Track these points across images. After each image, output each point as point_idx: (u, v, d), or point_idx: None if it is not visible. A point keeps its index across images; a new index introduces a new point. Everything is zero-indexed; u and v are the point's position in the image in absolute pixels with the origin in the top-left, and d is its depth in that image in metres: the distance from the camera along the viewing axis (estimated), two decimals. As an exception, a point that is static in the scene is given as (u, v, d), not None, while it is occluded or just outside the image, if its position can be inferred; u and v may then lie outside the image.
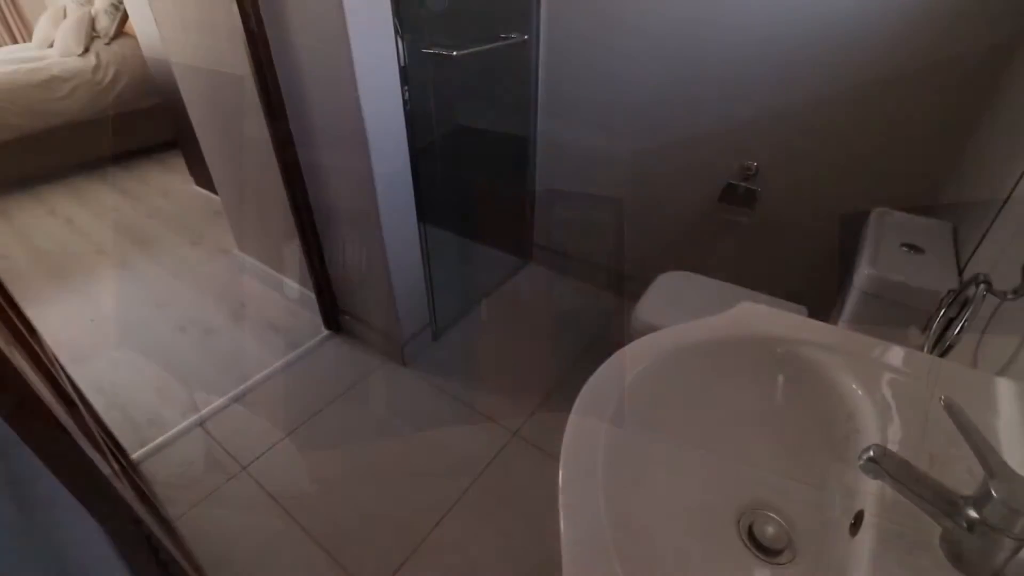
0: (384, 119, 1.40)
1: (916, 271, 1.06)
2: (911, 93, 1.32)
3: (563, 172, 2.07)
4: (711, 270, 1.84)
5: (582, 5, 1.70)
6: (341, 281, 1.85)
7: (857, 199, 1.51)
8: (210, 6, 1.51)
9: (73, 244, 2.64)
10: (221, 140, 1.92)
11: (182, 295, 2.23)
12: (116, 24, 3.35)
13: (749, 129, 1.59)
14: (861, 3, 1.29)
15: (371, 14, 1.26)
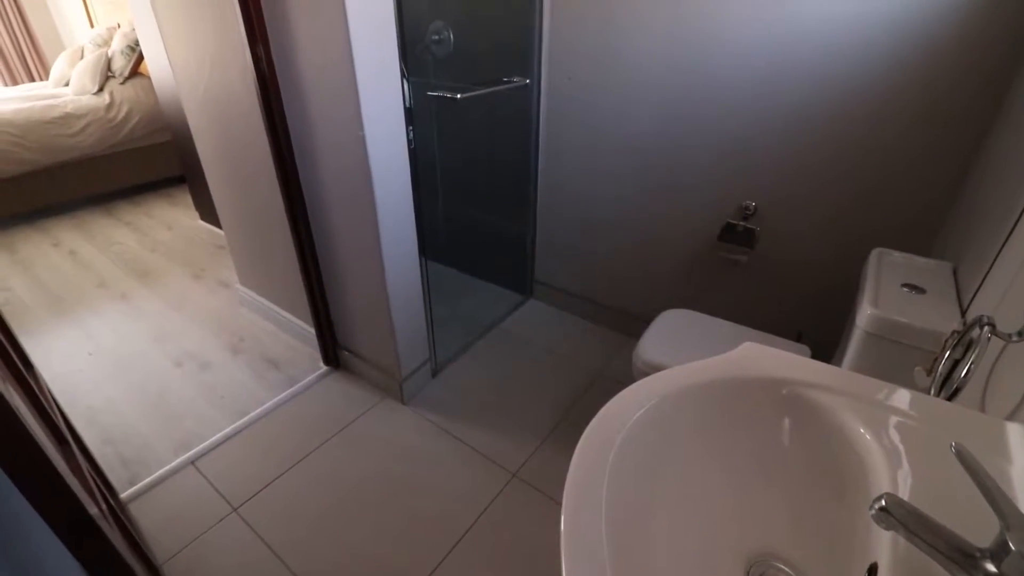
0: (388, 158, 1.43)
1: (918, 311, 1.05)
2: (908, 133, 1.35)
3: (564, 210, 2.09)
4: (712, 308, 1.85)
5: (581, 51, 1.76)
6: (341, 316, 1.85)
7: (856, 239, 1.52)
8: (224, 49, 1.57)
9: (76, 277, 2.65)
10: (228, 176, 1.96)
11: (181, 329, 2.22)
12: (131, 64, 3.47)
13: (747, 169, 1.62)
14: (856, 46, 1.34)
15: (379, 58, 1.30)
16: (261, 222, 1.91)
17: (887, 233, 1.47)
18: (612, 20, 1.67)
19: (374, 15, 1.26)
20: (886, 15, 1.27)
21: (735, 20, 1.46)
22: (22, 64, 4.90)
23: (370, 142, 1.35)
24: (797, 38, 1.39)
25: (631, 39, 1.65)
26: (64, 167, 3.28)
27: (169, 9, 1.72)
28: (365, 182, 1.41)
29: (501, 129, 2.09)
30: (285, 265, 1.89)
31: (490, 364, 2.00)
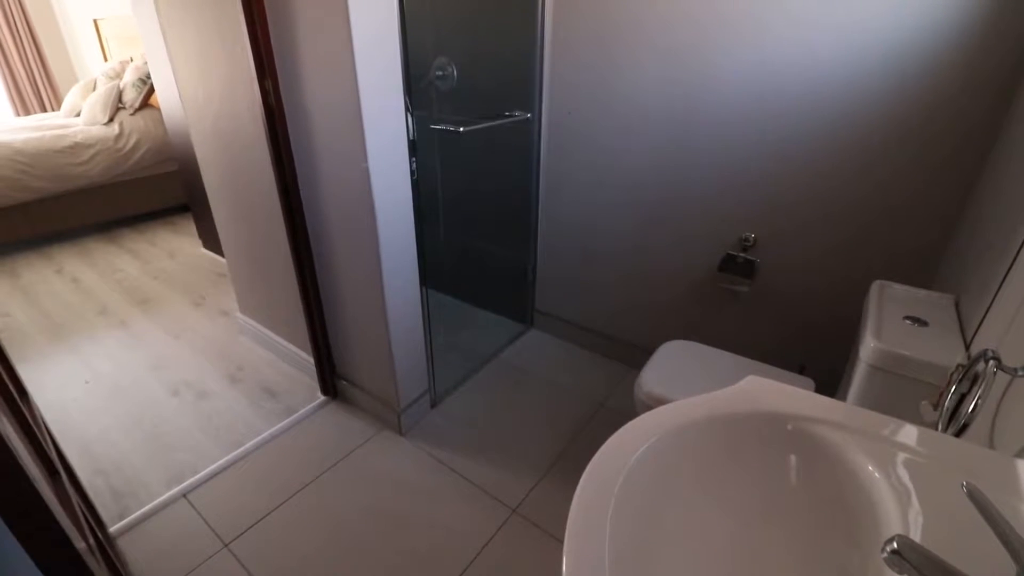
0: (391, 189, 1.44)
1: (922, 345, 1.05)
2: (906, 165, 1.37)
3: (564, 240, 2.11)
4: (714, 339, 1.84)
5: (580, 88, 1.81)
6: (340, 345, 1.84)
7: (856, 271, 1.52)
8: (234, 82, 1.61)
9: (76, 303, 2.65)
10: (232, 204, 1.98)
11: (179, 357, 2.20)
12: (142, 97, 3.56)
13: (745, 202, 1.63)
14: (851, 78, 1.37)
15: (384, 93, 1.34)
16: (263, 250, 1.92)
17: (887, 265, 1.47)
18: (609, 61, 1.72)
19: (381, 52, 1.29)
20: (875, 52, 1.31)
21: (725, 63, 1.50)
22: (35, 95, 5.02)
23: (374, 174, 1.37)
24: (783, 79, 1.43)
25: (628, 78, 1.69)
26: (71, 195, 3.32)
27: (181, 44, 1.77)
28: (368, 212, 1.43)
29: (502, 161, 2.12)
30: (285, 293, 1.90)
31: (490, 395, 1.97)
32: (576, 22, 1.74)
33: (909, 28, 1.25)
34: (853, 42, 1.32)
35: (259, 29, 1.37)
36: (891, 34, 1.28)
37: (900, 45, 1.28)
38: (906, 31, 1.26)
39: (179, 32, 1.75)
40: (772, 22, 1.41)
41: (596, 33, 1.71)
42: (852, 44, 1.33)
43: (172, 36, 1.80)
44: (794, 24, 1.38)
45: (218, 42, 1.58)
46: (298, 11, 1.31)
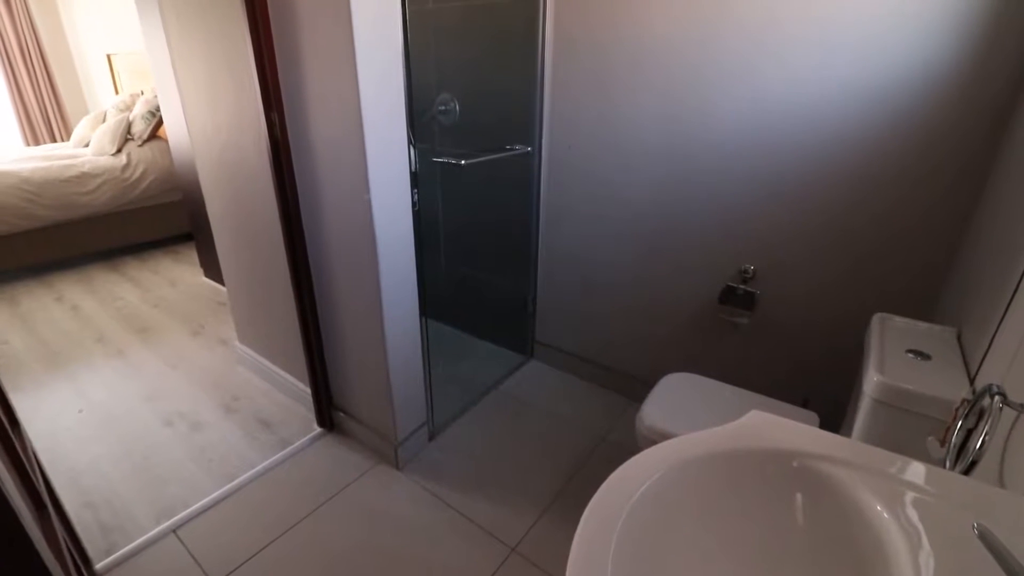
0: (393, 220, 1.46)
1: (926, 379, 1.04)
2: (904, 198, 1.38)
3: (564, 271, 2.11)
4: (715, 371, 1.82)
5: (579, 123, 1.85)
6: (338, 376, 1.82)
7: (857, 303, 1.52)
8: (241, 115, 1.65)
9: (75, 331, 2.63)
10: (235, 234, 1.99)
11: (175, 386, 2.18)
12: (150, 128, 3.63)
13: (744, 234, 1.65)
14: (843, 115, 1.40)
15: (388, 127, 1.36)
16: (264, 279, 1.92)
17: (888, 297, 1.47)
18: (607, 99, 1.76)
19: (386, 89, 1.33)
20: (866, 90, 1.34)
21: (721, 100, 1.54)
22: (46, 126, 5.13)
23: (375, 205, 1.39)
24: (777, 116, 1.46)
25: (626, 116, 1.74)
26: (75, 223, 3.35)
27: (191, 77, 1.82)
28: (369, 243, 1.44)
29: (503, 193, 2.15)
30: (284, 323, 1.89)
31: (489, 427, 1.94)
32: (574, 63, 1.79)
33: (899, 66, 1.29)
34: (844, 80, 1.36)
35: (267, 64, 1.41)
36: (882, 72, 1.31)
37: (891, 83, 1.31)
38: (898, 68, 1.29)
39: (189, 66, 1.80)
40: (764, 64, 1.45)
41: (594, 73, 1.76)
42: (843, 82, 1.36)
43: (182, 70, 1.85)
44: (785, 66, 1.42)
45: (227, 76, 1.63)
46: (305, 48, 1.35)
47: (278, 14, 1.37)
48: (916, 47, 1.26)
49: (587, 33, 1.74)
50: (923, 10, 1.23)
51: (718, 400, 1.43)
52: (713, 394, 1.45)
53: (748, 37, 1.46)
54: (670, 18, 1.57)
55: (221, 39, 1.58)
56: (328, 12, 1.24)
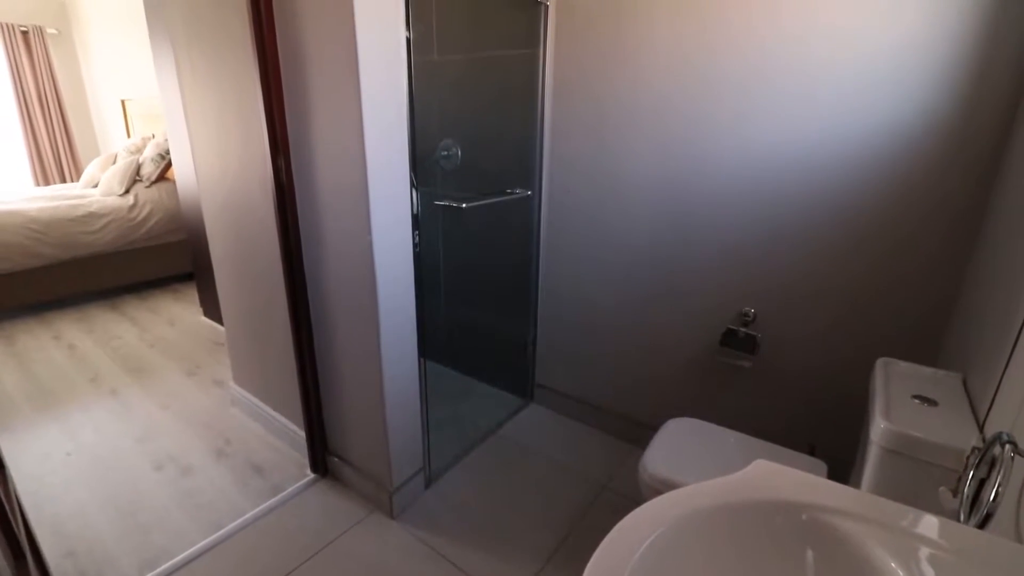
0: (394, 262, 1.47)
1: (934, 426, 1.02)
2: (900, 243, 1.40)
3: (564, 314, 2.11)
4: (718, 416, 1.79)
5: (578, 168, 1.89)
6: (333, 419, 1.78)
7: (859, 347, 1.51)
8: (248, 159, 1.68)
9: (69, 371, 2.60)
10: (236, 274, 2.00)
11: (166, 429, 2.13)
12: (159, 170, 3.71)
13: (743, 277, 1.65)
14: (838, 161, 1.43)
15: (391, 172, 1.39)
16: (262, 320, 1.92)
17: (890, 341, 1.46)
18: (603, 147, 1.81)
19: (390, 135, 1.36)
20: (859, 138, 1.38)
21: (715, 149, 1.58)
22: (57, 167, 5.24)
23: (377, 247, 1.40)
24: (773, 163, 1.50)
25: (622, 162, 1.78)
26: (78, 262, 3.37)
27: (201, 122, 1.87)
28: (369, 284, 1.44)
29: (504, 236, 2.18)
30: (281, 363, 1.87)
31: (488, 474, 1.89)
32: (572, 112, 1.86)
33: (888, 117, 1.33)
34: (834, 130, 1.40)
35: (275, 111, 1.45)
36: (871, 122, 1.35)
37: (880, 133, 1.35)
38: (887, 118, 1.34)
39: (200, 111, 1.85)
40: (755, 116, 1.50)
41: (591, 123, 1.82)
42: (833, 132, 1.40)
43: (193, 115, 1.90)
44: (775, 117, 1.47)
45: (236, 121, 1.68)
46: (313, 97, 1.39)
47: (288, 64, 1.42)
48: (903, 99, 1.30)
49: (584, 86, 1.80)
50: (907, 66, 1.28)
51: (722, 447, 1.40)
52: (717, 440, 1.42)
53: (739, 90, 1.51)
54: (662, 73, 1.63)
55: (232, 86, 1.64)
56: (337, 64, 1.29)
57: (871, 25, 1.31)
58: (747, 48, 1.48)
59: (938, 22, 1.23)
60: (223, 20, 1.57)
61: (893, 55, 1.29)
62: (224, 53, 1.63)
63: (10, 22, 4.77)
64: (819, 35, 1.38)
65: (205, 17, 1.66)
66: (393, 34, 1.32)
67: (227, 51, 1.61)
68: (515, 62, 1.94)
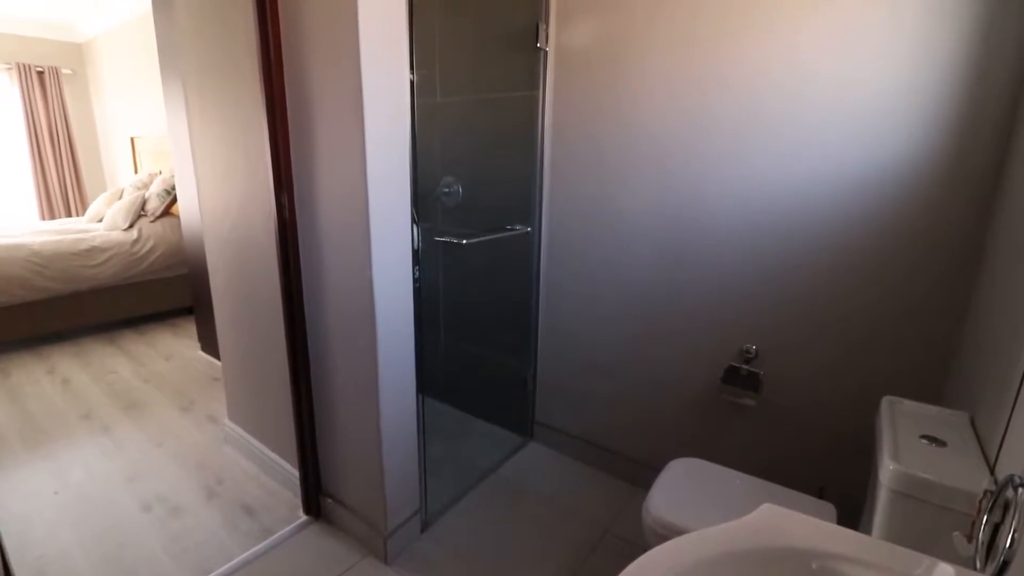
0: (394, 298, 1.47)
1: (944, 467, 0.99)
2: (900, 280, 1.40)
3: (564, 350, 2.10)
4: (722, 456, 1.75)
5: (578, 206, 1.92)
6: (328, 457, 1.74)
7: (863, 384, 1.49)
8: (252, 195, 1.71)
9: (62, 406, 2.56)
10: (235, 309, 2.00)
11: (157, 467, 2.08)
12: (164, 206, 3.76)
13: (744, 315, 1.65)
14: (833, 200, 1.45)
15: (393, 209, 1.41)
16: (260, 355, 1.90)
17: (894, 377, 1.44)
18: (600, 186, 1.85)
19: (393, 174, 1.39)
20: (854, 177, 1.40)
21: (711, 188, 1.61)
22: (63, 202, 5.32)
23: (377, 282, 1.40)
24: (769, 201, 1.52)
25: (620, 200, 1.81)
26: (78, 295, 3.37)
27: (208, 158, 1.91)
28: (368, 318, 1.44)
29: (504, 272, 2.18)
30: (277, 400, 1.84)
31: (486, 517, 1.83)
32: (570, 152, 1.90)
33: (881, 157, 1.36)
34: (828, 170, 1.43)
35: (281, 149, 1.48)
36: (865, 162, 1.38)
37: (874, 173, 1.37)
38: (881, 158, 1.36)
39: (207, 148, 1.89)
40: (749, 157, 1.54)
41: (589, 162, 1.86)
42: (828, 172, 1.43)
43: (200, 152, 1.94)
44: (769, 157, 1.50)
45: (242, 158, 1.71)
46: (318, 136, 1.42)
47: (295, 103, 1.46)
48: (896, 138, 1.33)
49: (582, 126, 1.85)
50: (898, 109, 1.32)
51: (728, 489, 1.36)
52: (722, 482, 1.38)
53: (732, 131, 1.55)
54: (657, 114, 1.68)
55: (239, 124, 1.68)
56: (342, 104, 1.33)
57: (861, 69, 1.35)
58: (739, 92, 1.52)
59: (927, 65, 1.27)
60: (234, 60, 1.62)
61: (884, 99, 1.33)
62: (233, 92, 1.67)
63: (28, 63, 4.93)
64: (809, 80, 1.42)
65: (216, 58, 1.71)
66: (397, 77, 1.36)
67: (236, 90, 1.65)
68: (516, 103, 1.99)
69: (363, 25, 1.24)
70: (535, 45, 1.86)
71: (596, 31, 1.77)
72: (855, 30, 1.34)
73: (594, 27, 1.77)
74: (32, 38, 4.99)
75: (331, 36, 1.31)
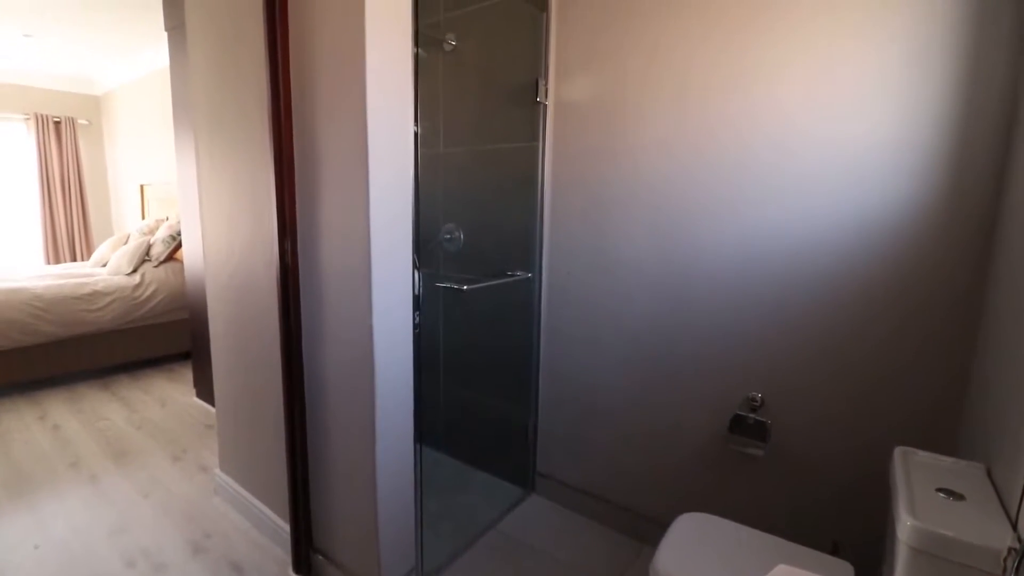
0: (393, 343, 1.45)
1: (964, 523, 0.95)
2: (902, 326, 1.39)
3: (566, 398, 2.06)
4: (731, 509, 1.68)
5: (577, 252, 1.93)
6: (321, 511, 1.68)
7: (873, 433, 1.45)
8: (255, 241, 1.72)
9: (50, 453, 2.49)
10: (233, 355, 1.98)
11: (144, 519, 2.00)
12: (169, 251, 3.80)
13: (747, 361, 1.63)
14: (835, 241, 1.45)
15: (395, 256, 1.42)
16: (255, 402, 1.86)
17: (904, 427, 1.41)
18: (600, 233, 1.87)
19: (395, 221, 1.40)
20: (855, 221, 1.41)
21: (710, 235, 1.63)
22: (69, 246, 5.38)
23: (377, 327, 1.39)
24: (768, 249, 1.53)
25: (620, 247, 1.83)
26: (76, 339, 3.34)
27: (214, 204, 1.94)
28: (367, 364, 1.42)
29: (504, 318, 2.17)
30: (270, 448, 1.79)
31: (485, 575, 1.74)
32: (570, 199, 1.93)
33: (877, 204, 1.38)
34: (827, 216, 1.44)
35: (286, 196, 1.51)
36: (862, 210, 1.40)
37: (875, 216, 1.39)
38: (876, 206, 1.38)
39: (214, 194, 1.92)
40: (744, 208, 1.56)
41: (588, 210, 1.89)
42: (826, 219, 1.44)
43: (207, 198, 1.98)
44: (767, 205, 1.52)
45: (248, 204, 1.74)
46: (323, 184, 1.45)
47: (302, 154, 1.50)
48: (890, 187, 1.35)
49: (580, 176, 1.90)
50: (888, 164, 1.35)
51: (739, 547, 1.29)
52: (733, 539, 1.32)
53: (726, 182, 1.59)
54: (651, 165, 1.72)
55: (247, 173, 1.72)
56: (348, 155, 1.36)
57: (846, 123, 1.39)
58: (730, 144, 1.57)
59: (914, 119, 1.31)
60: (245, 112, 1.68)
61: (875, 152, 1.36)
62: (242, 141, 1.72)
63: (46, 113, 5.12)
64: (797, 136, 1.46)
65: (228, 109, 1.77)
66: (402, 130, 1.40)
67: (245, 140, 1.70)
68: (516, 154, 2.05)
69: (371, 82, 1.29)
70: (535, 99, 1.93)
71: (592, 87, 1.84)
72: (840, 83, 1.39)
73: (590, 84, 1.84)
74: (53, 90, 5.21)
75: (340, 91, 1.36)
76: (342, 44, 1.33)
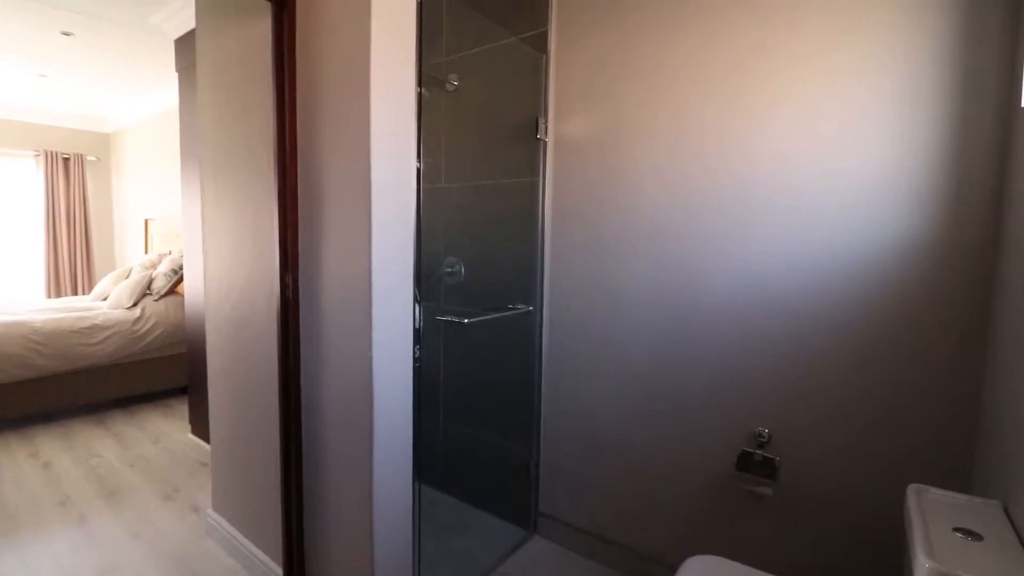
0: (393, 377, 1.43)
1: (984, 565, 0.91)
2: (910, 359, 1.37)
3: (568, 434, 2.02)
4: (742, 550, 1.63)
5: (578, 286, 1.93)
6: (315, 555, 1.62)
7: (884, 469, 1.42)
8: (256, 275, 1.73)
9: (39, 492, 2.43)
10: (230, 391, 1.95)
11: (132, 562, 1.93)
12: (170, 285, 3.80)
13: (752, 394, 1.60)
14: (837, 274, 1.45)
15: (395, 289, 1.42)
16: (250, 439, 1.83)
17: (916, 460, 1.37)
18: (600, 267, 1.88)
19: (397, 255, 1.41)
20: (856, 253, 1.42)
21: (710, 268, 1.63)
22: (71, 280, 5.39)
23: (376, 361, 1.38)
24: (768, 281, 1.53)
25: (620, 281, 1.83)
26: (73, 374, 3.30)
27: (217, 238, 1.95)
28: (366, 399, 1.39)
29: (505, 352, 2.16)
30: (264, 488, 1.74)
31: (485, 620, 1.67)
32: (570, 233, 1.95)
33: (878, 236, 1.39)
34: (827, 249, 1.45)
35: (289, 231, 1.52)
36: (862, 242, 1.41)
37: (872, 251, 1.39)
38: (877, 238, 1.39)
39: (218, 228, 1.94)
40: (743, 238, 1.57)
41: (588, 243, 1.90)
42: (825, 251, 1.45)
43: (211, 232, 1.99)
44: (766, 240, 1.53)
45: (250, 239, 1.75)
46: (326, 220, 1.47)
47: (306, 190, 1.52)
48: (888, 221, 1.37)
49: (580, 210, 1.92)
50: (884, 201, 1.37)
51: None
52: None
53: (724, 216, 1.60)
54: (649, 200, 1.75)
55: (251, 207, 1.73)
56: (351, 191, 1.38)
57: (841, 158, 1.41)
58: (725, 179, 1.60)
59: (908, 155, 1.34)
60: (250, 149, 1.71)
61: (871, 188, 1.38)
62: (247, 176, 1.75)
63: (56, 150, 5.22)
64: (793, 172, 1.49)
65: (234, 146, 1.81)
66: (405, 167, 1.42)
67: (250, 175, 1.73)
68: (517, 189, 2.08)
69: (375, 120, 1.32)
70: (535, 136, 1.97)
71: (591, 125, 1.88)
72: (834, 120, 1.42)
73: (589, 121, 1.88)
74: (65, 128, 5.33)
75: (345, 129, 1.39)
76: (348, 84, 1.37)
